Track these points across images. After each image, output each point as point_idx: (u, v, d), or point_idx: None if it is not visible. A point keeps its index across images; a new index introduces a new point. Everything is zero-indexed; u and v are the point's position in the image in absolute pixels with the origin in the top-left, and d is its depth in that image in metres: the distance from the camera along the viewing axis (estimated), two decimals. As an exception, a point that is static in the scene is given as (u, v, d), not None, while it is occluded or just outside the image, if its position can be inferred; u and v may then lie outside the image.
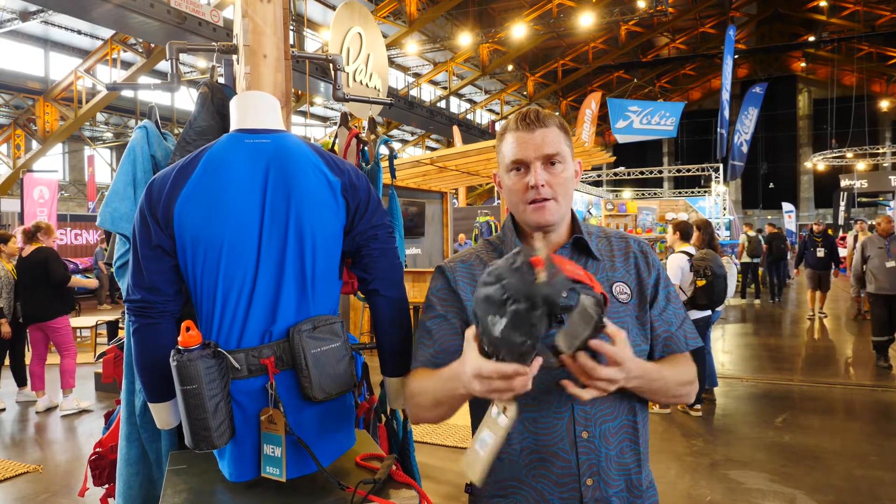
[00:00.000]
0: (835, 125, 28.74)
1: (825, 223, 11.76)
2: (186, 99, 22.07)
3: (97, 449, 1.96)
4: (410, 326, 1.54)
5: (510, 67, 27.36)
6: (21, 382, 6.06)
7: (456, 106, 30.06)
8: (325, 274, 1.45)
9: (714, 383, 5.78)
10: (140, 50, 15.15)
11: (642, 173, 24.17)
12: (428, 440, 4.71)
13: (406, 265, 8.83)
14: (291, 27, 17.30)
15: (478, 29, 22.98)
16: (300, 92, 18.28)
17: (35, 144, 15.92)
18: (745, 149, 22.34)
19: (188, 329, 1.30)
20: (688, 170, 23.59)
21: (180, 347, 1.29)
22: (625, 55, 29.08)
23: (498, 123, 31.06)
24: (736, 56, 22.71)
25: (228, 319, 1.38)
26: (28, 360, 6.00)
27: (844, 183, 21.47)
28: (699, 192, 26.31)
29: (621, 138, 20.12)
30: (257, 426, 1.39)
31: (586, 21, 21.24)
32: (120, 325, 7.96)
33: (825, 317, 10.60)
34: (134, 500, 1.78)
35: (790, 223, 24.91)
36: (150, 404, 1.49)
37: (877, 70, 30.85)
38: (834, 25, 28.37)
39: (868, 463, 4.22)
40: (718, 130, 18.42)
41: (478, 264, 1.33)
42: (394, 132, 28.84)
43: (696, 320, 5.05)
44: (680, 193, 29.01)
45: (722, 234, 16.79)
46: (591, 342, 1.01)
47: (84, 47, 18.13)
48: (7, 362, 5.97)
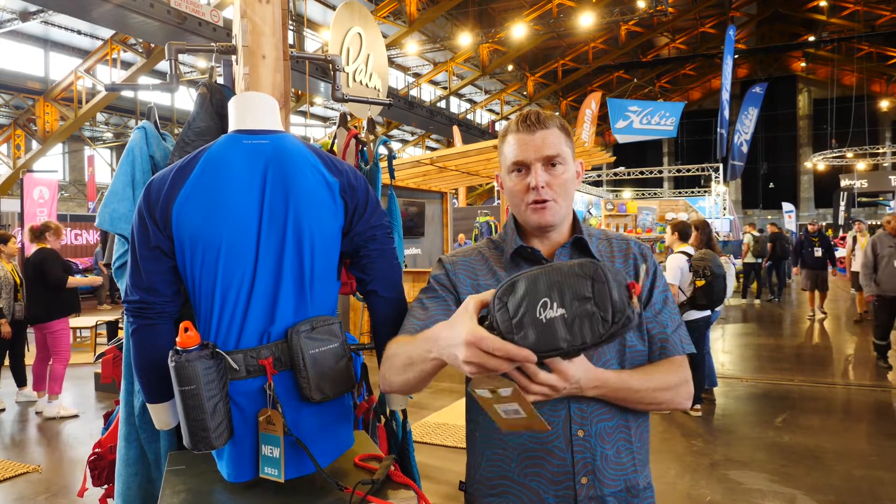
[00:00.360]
0: (835, 125, 28.75)
1: (820, 223, 11.77)
2: (186, 99, 22.07)
3: (96, 449, 1.96)
4: None
5: (510, 67, 27.36)
6: (21, 382, 6.05)
7: (456, 106, 30.06)
8: (324, 274, 1.45)
9: (714, 383, 5.78)
10: (140, 50, 15.16)
11: (642, 173, 24.20)
12: (428, 440, 4.71)
13: (406, 265, 8.84)
14: (291, 27, 17.32)
15: (478, 29, 22.99)
16: (300, 92, 18.28)
17: (35, 144, 15.92)
18: (745, 149, 22.34)
19: (186, 330, 1.30)
20: (688, 170, 23.61)
21: (178, 348, 1.29)
22: (625, 55, 29.08)
23: (498, 123, 31.07)
24: (736, 56, 22.71)
25: (227, 320, 1.38)
26: (30, 361, 5.99)
27: (844, 183, 21.48)
28: (699, 192, 26.33)
29: (621, 138, 20.13)
30: (256, 427, 1.38)
31: (586, 21, 21.25)
32: (119, 326, 7.96)
33: (825, 316, 10.58)
34: (133, 501, 1.78)
35: (790, 223, 24.90)
36: (149, 405, 1.49)
37: (877, 70, 30.86)
38: (834, 25, 28.38)
39: (868, 463, 4.21)
40: (718, 130, 18.43)
41: (479, 260, 1.34)
42: (394, 132, 28.84)
43: (696, 320, 5.04)
44: (680, 193, 29.03)
45: (722, 235, 16.79)
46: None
47: (84, 47, 18.14)
48: (7, 362, 5.97)
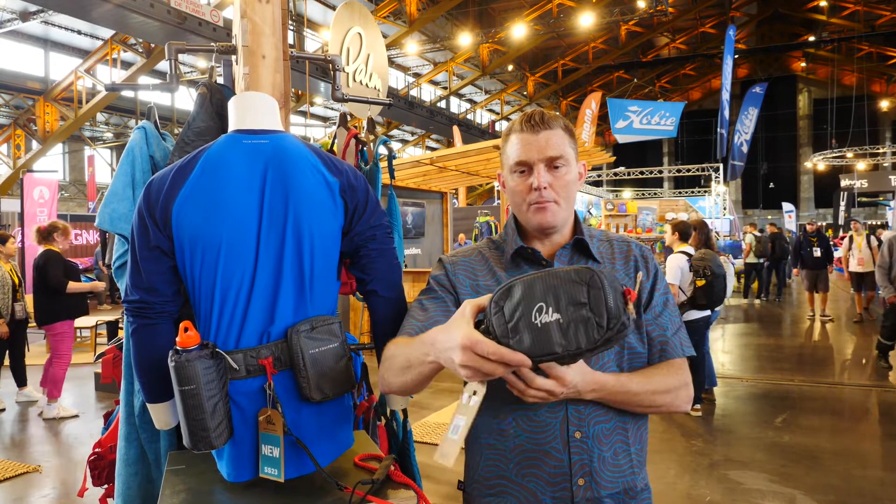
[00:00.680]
0: (835, 125, 28.74)
1: (819, 223, 11.70)
2: (186, 99, 22.06)
3: (96, 449, 1.96)
4: None
5: (510, 67, 27.36)
6: (21, 382, 6.05)
7: (456, 106, 30.06)
8: (324, 274, 1.45)
9: (714, 383, 5.78)
10: (140, 50, 15.15)
11: (642, 173, 24.20)
12: (428, 440, 4.71)
13: (406, 265, 8.84)
14: (291, 27, 17.32)
15: (478, 29, 22.99)
16: (300, 92, 18.28)
17: (35, 144, 15.92)
18: (745, 149, 22.36)
19: (186, 330, 1.30)
20: (688, 170, 23.62)
21: (178, 348, 1.29)
22: (625, 55, 29.08)
23: (498, 123, 31.08)
24: (736, 56, 22.72)
25: (227, 320, 1.38)
26: (30, 361, 5.99)
27: (844, 183, 21.46)
28: (699, 192, 26.34)
29: (621, 138, 20.14)
30: (255, 426, 1.39)
31: (586, 21, 21.24)
32: (119, 326, 7.95)
33: (829, 319, 10.33)
34: (133, 501, 1.78)
35: (790, 223, 24.91)
36: (149, 405, 1.49)
37: (877, 70, 30.86)
38: (834, 25, 28.37)
39: (868, 463, 4.21)
40: (718, 130, 18.44)
41: (479, 260, 1.34)
42: (394, 132, 28.84)
43: (696, 320, 5.05)
44: (680, 193, 29.04)
45: (722, 235, 16.79)
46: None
47: (84, 47, 18.13)
48: (7, 362, 5.97)
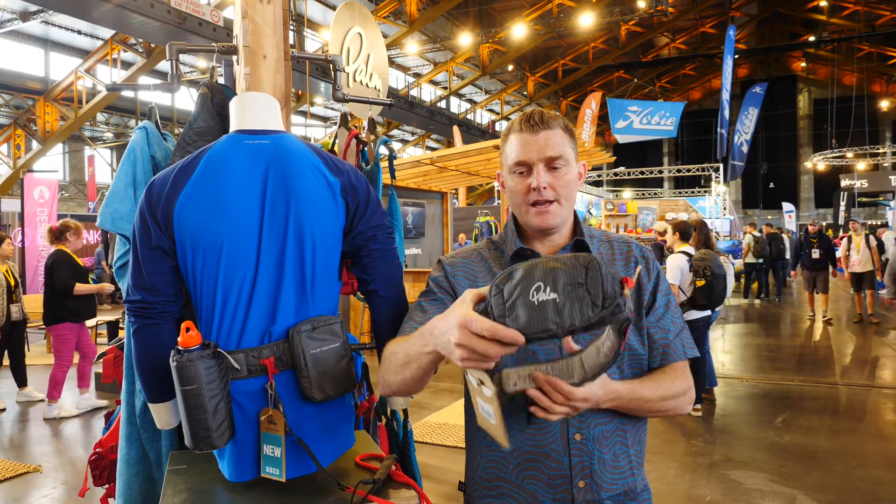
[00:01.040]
0: (835, 125, 28.74)
1: (820, 223, 11.63)
2: (186, 99, 22.06)
3: (97, 449, 1.96)
4: None
5: (510, 67, 27.35)
6: (21, 383, 6.05)
7: (456, 106, 30.06)
8: (325, 274, 1.45)
9: (714, 383, 5.78)
10: (140, 50, 15.16)
11: (642, 173, 24.20)
12: (428, 440, 4.71)
13: (406, 265, 8.84)
14: (291, 27, 17.33)
15: (478, 29, 22.99)
16: (300, 92, 18.29)
17: (35, 144, 15.92)
18: (745, 149, 22.36)
19: (188, 329, 1.30)
20: (688, 170, 23.62)
21: (180, 348, 1.30)
22: (625, 55, 29.07)
23: (498, 123, 31.08)
24: (736, 56, 22.71)
25: (228, 320, 1.38)
26: (29, 361, 5.99)
27: (844, 183, 21.46)
28: (699, 192, 26.34)
29: (621, 138, 20.14)
30: (257, 426, 1.39)
31: (586, 21, 21.24)
32: (120, 326, 7.95)
33: (829, 322, 10.27)
34: (134, 501, 1.78)
35: (790, 223, 24.91)
36: (151, 405, 1.50)
37: (877, 70, 30.84)
38: (834, 25, 28.37)
39: (868, 463, 4.22)
40: (718, 130, 18.44)
41: (478, 261, 1.33)
42: (394, 132, 28.84)
43: (696, 320, 5.05)
44: (680, 193, 29.04)
45: (722, 235, 16.80)
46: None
47: (84, 47, 18.13)
48: (7, 363, 5.98)
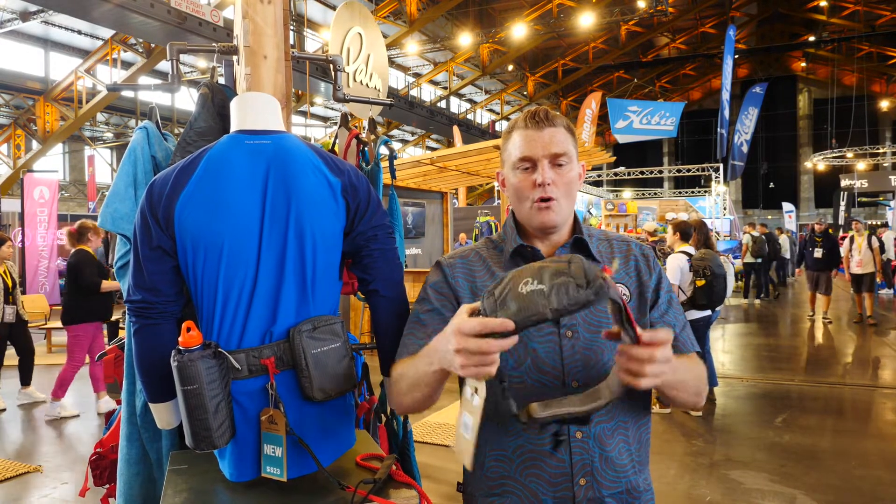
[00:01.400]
0: (835, 125, 28.73)
1: (827, 222, 11.58)
2: (187, 99, 22.08)
3: (98, 449, 1.96)
4: None
5: (510, 67, 27.35)
6: (25, 381, 6.03)
7: (456, 106, 30.06)
8: (325, 274, 1.45)
9: (714, 383, 5.78)
10: (140, 50, 15.16)
11: (642, 173, 24.20)
12: (428, 440, 4.71)
13: (406, 265, 8.84)
14: (291, 27, 17.33)
15: (478, 29, 22.98)
16: (300, 92, 18.28)
17: (35, 144, 15.92)
18: (745, 149, 22.36)
19: (189, 329, 1.30)
20: (688, 170, 23.63)
21: (181, 348, 1.30)
22: (625, 55, 29.07)
23: (498, 123, 31.08)
24: (736, 56, 22.71)
25: (229, 320, 1.38)
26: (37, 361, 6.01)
27: (844, 183, 21.45)
28: (699, 192, 26.34)
29: (621, 138, 20.14)
30: (258, 426, 1.39)
31: (586, 21, 21.24)
32: (121, 326, 7.95)
33: (829, 322, 10.31)
34: (134, 501, 1.78)
35: (790, 223, 24.91)
36: (151, 404, 1.50)
37: (877, 70, 30.83)
38: (834, 25, 28.36)
39: (868, 463, 4.22)
40: (718, 130, 18.44)
41: (476, 261, 1.33)
42: (394, 132, 28.84)
43: (696, 320, 5.05)
44: (680, 193, 29.04)
45: (722, 235, 16.80)
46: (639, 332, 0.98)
47: (84, 47, 18.13)
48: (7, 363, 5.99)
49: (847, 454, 4.38)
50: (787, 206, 26.56)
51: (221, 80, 2.01)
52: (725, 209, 19.79)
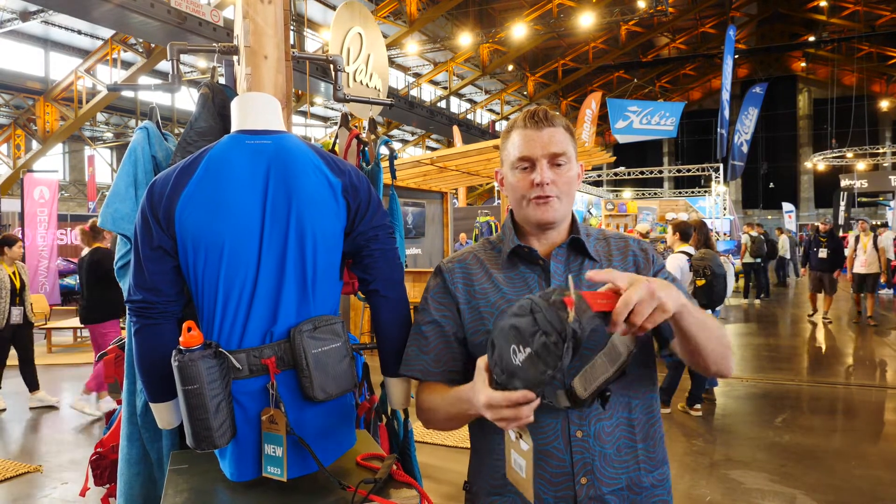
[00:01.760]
0: (835, 125, 28.73)
1: (832, 222, 11.52)
2: (187, 99, 22.09)
3: (98, 449, 1.96)
4: (411, 327, 1.55)
5: (510, 67, 27.35)
6: (32, 386, 5.90)
7: (456, 106, 30.06)
8: (326, 274, 1.45)
9: (714, 383, 5.79)
10: (140, 50, 15.15)
11: (642, 173, 24.22)
12: (429, 440, 4.71)
13: (406, 265, 8.86)
14: (292, 27, 17.34)
15: (478, 29, 22.99)
16: (300, 92, 18.29)
17: (35, 144, 15.92)
18: (745, 149, 22.36)
19: (189, 329, 1.30)
20: (688, 170, 23.64)
21: (182, 348, 1.30)
22: (625, 55, 29.07)
23: (498, 123, 31.07)
24: (736, 56, 22.72)
25: (230, 320, 1.38)
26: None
27: (844, 183, 21.45)
28: (699, 192, 26.36)
29: (621, 138, 20.15)
30: (258, 426, 1.39)
31: (586, 21, 21.24)
32: (121, 325, 7.95)
33: (829, 322, 10.28)
34: (135, 500, 1.78)
35: (790, 223, 24.91)
36: (152, 404, 1.50)
37: (877, 70, 30.84)
38: (834, 25, 28.36)
39: (868, 463, 4.22)
40: (718, 130, 18.44)
41: (474, 263, 1.34)
42: (394, 132, 28.84)
43: (696, 320, 5.05)
44: (680, 193, 29.06)
45: (722, 235, 16.81)
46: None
47: (84, 47, 18.14)
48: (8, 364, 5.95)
49: (847, 454, 4.38)
50: (787, 207, 26.57)
51: (222, 80, 2.01)
52: (725, 209, 19.80)
